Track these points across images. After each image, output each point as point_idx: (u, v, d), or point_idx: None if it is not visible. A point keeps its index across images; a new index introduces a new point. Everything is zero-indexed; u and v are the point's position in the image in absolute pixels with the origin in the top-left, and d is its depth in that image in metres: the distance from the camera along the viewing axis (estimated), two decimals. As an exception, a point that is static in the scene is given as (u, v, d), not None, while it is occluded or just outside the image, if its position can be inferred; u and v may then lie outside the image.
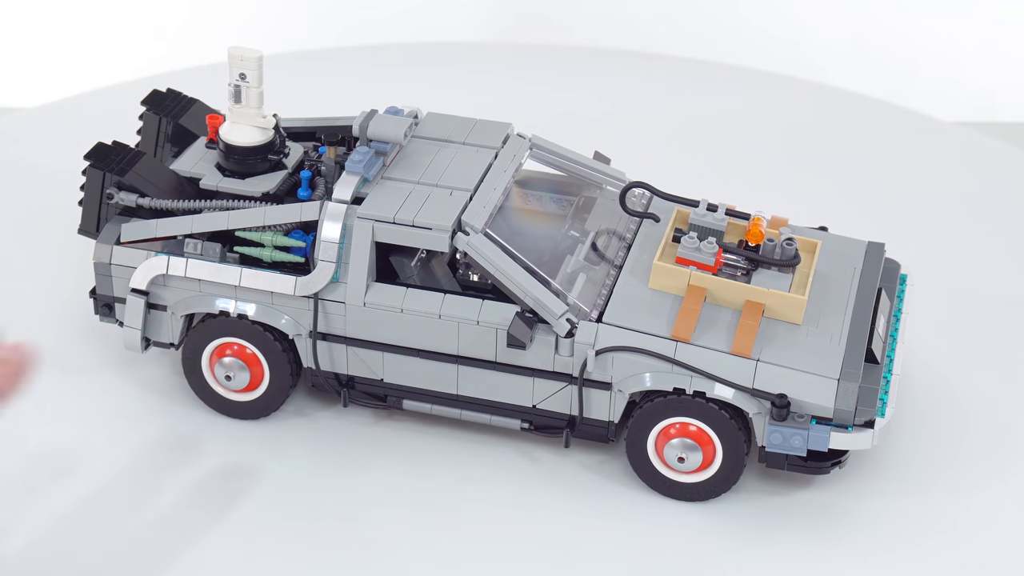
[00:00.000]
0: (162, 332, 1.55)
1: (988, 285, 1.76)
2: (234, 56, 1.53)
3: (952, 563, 1.43)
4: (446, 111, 1.62)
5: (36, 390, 1.53)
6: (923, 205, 1.91)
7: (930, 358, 1.63)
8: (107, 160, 1.55)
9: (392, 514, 1.45)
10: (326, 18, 2.96)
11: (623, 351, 1.44)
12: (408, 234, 1.47)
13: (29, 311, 1.68)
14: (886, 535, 1.45)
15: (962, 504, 1.48)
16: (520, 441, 1.53)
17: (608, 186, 1.61)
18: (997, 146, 2.05)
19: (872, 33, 2.98)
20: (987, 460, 1.53)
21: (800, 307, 1.46)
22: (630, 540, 1.44)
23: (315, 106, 1.80)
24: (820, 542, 1.44)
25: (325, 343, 1.50)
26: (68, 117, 2.07)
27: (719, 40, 2.92)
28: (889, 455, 1.52)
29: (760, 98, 2.16)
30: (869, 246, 1.59)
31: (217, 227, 1.50)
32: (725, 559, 1.42)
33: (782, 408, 1.41)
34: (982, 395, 1.61)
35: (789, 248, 1.50)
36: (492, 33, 2.99)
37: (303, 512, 1.45)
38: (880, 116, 2.13)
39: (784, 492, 1.49)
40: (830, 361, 1.43)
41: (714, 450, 1.45)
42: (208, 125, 1.58)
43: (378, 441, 1.53)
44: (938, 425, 1.56)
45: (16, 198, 1.88)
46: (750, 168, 1.96)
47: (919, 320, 1.65)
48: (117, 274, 1.53)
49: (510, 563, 1.41)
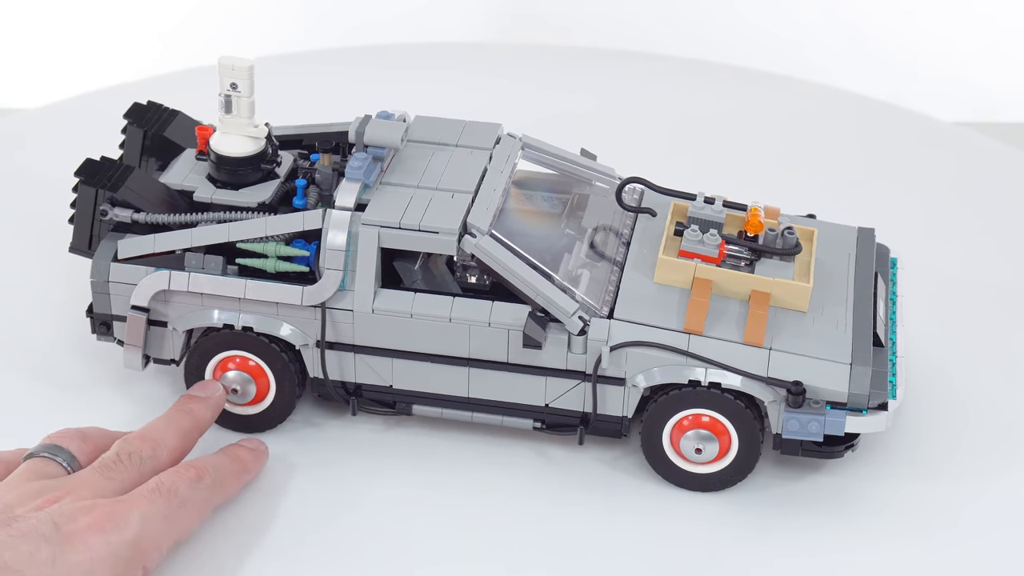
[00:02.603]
0: (162, 348, 1.53)
1: (977, 273, 1.79)
2: (224, 66, 1.51)
3: (963, 545, 1.45)
4: (438, 112, 1.62)
5: (37, 409, 1.52)
6: (918, 201, 1.93)
7: (924, 343, 1.66)
8: (98, 176, 1.52)
9: (414, 521, 1.45)
10: (314, 21, 2.95)
11: (638, 346, 1.44)
12: (414, 239, 1.46)
13: (25, 318, 1.66)
14: (899, 520, 1.47)
15: (970, 487, 1.50)
16: (533, 441, 1.53)
17: (598, 182, 1.62)
18: (997, 146, 2.07)
19: (872, 33, 3.01)
20: (988, 442, 1.56)
21: (806, 295, 1.48)
22: (646, 534, 1.45)
23: (305, 107, 1.79)
24: (833, 527, 1.46)
25: (332, 352, 1.49)
26: (69, 117, 2.06)
27: (719, 40, 2.94)
28: (895, 438, 1.54)
29: (759, 98, 2.17)
30: (860, 231, 1.61)
31: (218, 239, 1.49)
32: (742, 548, 1.44)
33: (798, 395, 1.42)
34: (974, 376, 1.63)
35: (791, 237, 1.51)
36: (483, 34, 2.99)
37: (324, 522, 1.44)
38: (880, 116, 2.15)
39: (796, 479, 1.50)
40: (840, 347, 1.45)
41: (729, 440, 1.46)
42: (198, 137, 1.56)
43: (391, 448, 1.52)
44: (937, 406, 1.58)
45: (16, 198, 1.86)
46: (746, 166, 1.97)
47: (910, 305, 1.67)
48: (116, 291, 1.51)
49: (532, 563, 1.42)
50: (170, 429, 1.44)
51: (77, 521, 1.29)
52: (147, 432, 1.43)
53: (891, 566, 1.42)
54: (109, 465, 1.37)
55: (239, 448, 1.47)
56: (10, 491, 1.33)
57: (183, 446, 1.44)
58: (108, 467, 1.37)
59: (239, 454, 1.46)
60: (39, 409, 1.54)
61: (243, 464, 1.45)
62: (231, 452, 1.46)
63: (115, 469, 1.37)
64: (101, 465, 1.37)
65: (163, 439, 1.42)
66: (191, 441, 1.46)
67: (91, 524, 1.30)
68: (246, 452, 1.46)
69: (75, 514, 1.30)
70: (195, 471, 1.39)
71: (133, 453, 1.39)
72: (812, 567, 1.42)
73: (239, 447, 1.47)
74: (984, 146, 2.07)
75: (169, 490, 1.36)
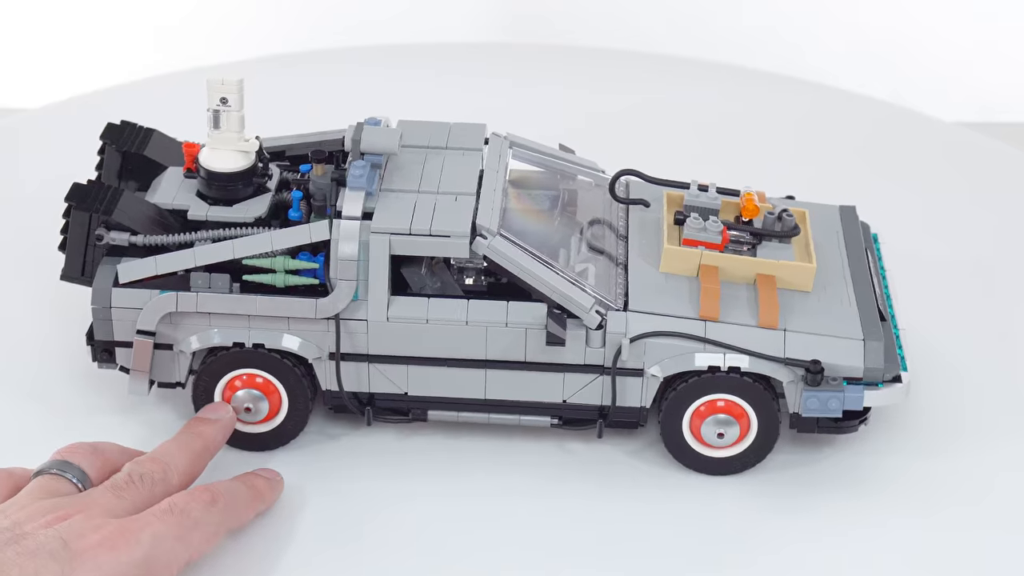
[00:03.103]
0: (167, 372, 1.50)
1: (975, 268, 1.81)
2: (213, 82, 1.49)
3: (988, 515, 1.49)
4: (438, 112, 1.61)
5: (42, 436, 1.48)
6: (918, 201, 1.94)
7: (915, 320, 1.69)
8: (89, 200, 1.48)
9: (441, 527, 1.44)
10: (312, 21, 2.92)
11: (657, 336, 1.45)
12: (426, 244, 1.45)
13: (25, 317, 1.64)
14: (912, 494, 1.50)
15: (977, 459, 1.54)
16: (550, 437, 1.54)
17: (582, 176, 1.63)
18: (998, 146, 2.09)
19: (872, 33, 3.04)
20: (991, 410, 1.60)
21: (810, 275, 1.51)
22: (667, 519, 1.46)
23: (301, 109, 1.80)
24: (848, 501, 1.49)
25: (345, 363, 1.48)
26: (69, 117, 2.03)
27: (719, 40, 2.96)
28: (896, 413, 1.57)
29: (759, 97, 2.18)
30: (842, 209, 1.64)
31: (223, 257, 1.46)
32: (765, 530, 1.46)
33: (816, 374, 1.45)
34: (966, 349, 1.68)
35: (789, 219, 1.54)
36: (483, 34, 2.97)
37: (353, 535, 1.43)
38: (880, 116, 2.17)
39: (809, 457, 1.53)
40: (850, 323, 1.48)
41: (748, 422, 1.48)
42: (185, 154, 1.53)
43: (411, 456, 1.51)
44: (932, 379, 1.61)
45: (16, 198, 1.83)
46: (746, 166, 1.97)
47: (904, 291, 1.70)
48: (118, 317, 1.47)
49: (572, 555, 1.42)
50: (181, 451, 1.42)
51: (87, 539, 1.27)
52: (158, 454, 1.41)
53: (922, 539, 1.45)
54: (120, 485, 1.35)
55: (255, 476, 1.45)
56: (19, 509, 1.30)
57: (194, 469, 1.42)
58: (119, 487, 1.35)
59: (255, 482, 1.44)
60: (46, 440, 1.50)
61: (258, 492, 1.43)
62: (247, 479, 1.44)
63: (126, 489, 1.35)
64: (112, 485, 1.35)
65: (174, 461, 1.40)
66: (202, 464, 1.43)
67: (101, 542, 1.27)
68: (262, 481, 1.44)
69: (85, 532, 1.27)
70: (209, 494, 1.37)
71: (145, 474, 1.37)
72: (844, 537, 1.45)
73: (255, 475, 1.45)
74: (985, 146, 2.10)
75: (182, 511, 1.33)
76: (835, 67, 2.98)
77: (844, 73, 2.88)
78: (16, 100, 2.77)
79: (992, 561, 1.43)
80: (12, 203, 1.85)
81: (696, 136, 2.07)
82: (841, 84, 2.36)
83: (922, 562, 1.42)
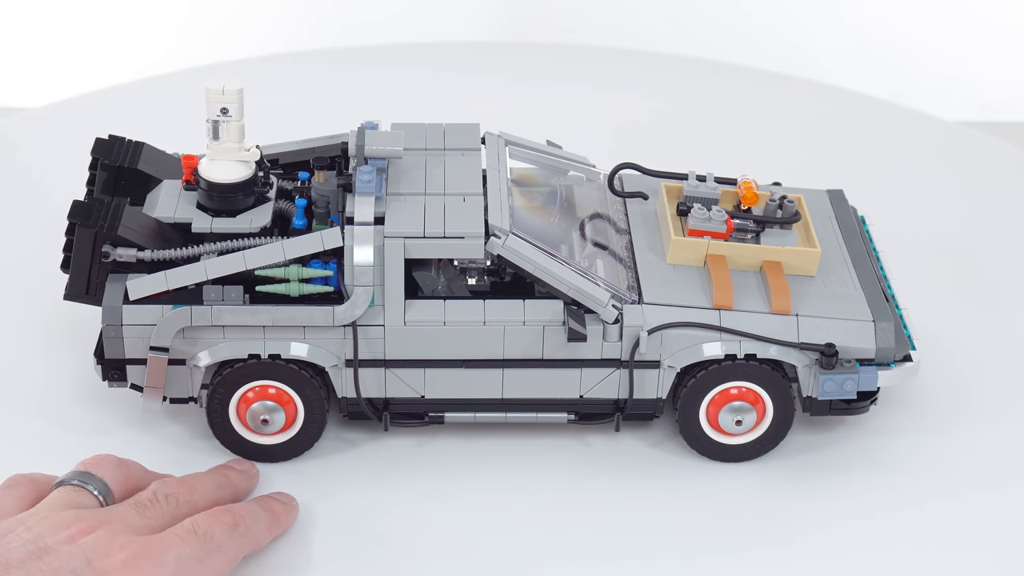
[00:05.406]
0: (179, 387, 1.48)
1: (974, 265, 1.83)
2: (213, 92, 1.47)
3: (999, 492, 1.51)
4: (438, 112, 1.61)
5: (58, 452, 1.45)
6: (919, 200, 1.96)
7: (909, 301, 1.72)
8: (92, 217, 1.46)
9: (466, 527, 1.44)
10: (312, 21, 2.89)
11: (675, 327, 1.47)
12: (441, 246, 1.45)
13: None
14: (927, 474, 1.52)
15: (991, 436, 1.57)
16: (568, 433, 1.54)
17: (573, 172, 1.63)
18: (999, 145, 2.11)
19: (874, 33, 3.05)
20: (994, 388, 1.63)
21: (815, 259, 1.53)
22: (688, 507, 1.47)
23: (301, 108, 1.78)
24: (863, 482, 1.51)
25: (362, 368, 1.47)
26: (69, 117, 2.00)
27: (720, 39, 2.95)
28: (901, 393, 1.60)
29: (760, 97, 2.19)
30: (830, 193, 1.67)
31: (234, 269, 1.44)
32: (782, 516, 1.47)
33: (831, 357, 1.47)
34: (960, 328, 1.71)
35: (790, 206, 1.56)
36: (483, 34, 2.95)
37: (376, 543, 1.43)
38: (881, 115, 2.18)
39: (822, 439, 1.55)
40: (859, 305, 1.50)
41: (764, 408, 1.50)
42: (183, 166, 1.51)
43: (429, 458, 1.51)
44: (933, 359, 1.64)
45: (16, 199, 1.80)
46: (746, 165, 1.93)
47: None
48: (130, 334, 1.45)
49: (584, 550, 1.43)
50: (209, 481, 1.41)
51: (111, 557, 1.25)
52: (187, 479, 1.39)
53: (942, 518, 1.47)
54: (144, 503, 1.33)
55: (272, 500, 1.43)
56: (40, 520, 1.28)
57: (219, 501, 1.40)
58: (144, 505, 1.33)
59: (272, 506, 1.42)
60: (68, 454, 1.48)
61: (276, 516, 1.41)
62: (265, 503, 1.42)
63: (150, 508, 1.33)
64: (136, 502, 1.33)
65: (201, 488, 1.39)
66: (226, 499, 1.42)
67: (125, 561, 1.25)
68: (279, 505, 1.43)
69: (109, 550, 1.26)
70: (231, 517, 1.35)
71: (170, 495, 1.35)
72: (865, 517, 1.47)
73: (272, 499, 1.43)
74: (986, 145, 2.12)
75: (205, 533, 1.32)
76: (836, 66, 3.01)
77: (845, 72, 2.91)
78: (16, 100, 2.73)
79: (1015, 539, 1.45)
80: (12, 202, 1.82)
81: (696, 135, 2.08)
82: (841, 83, 2.38)
83: (941, 540, 1.45)
